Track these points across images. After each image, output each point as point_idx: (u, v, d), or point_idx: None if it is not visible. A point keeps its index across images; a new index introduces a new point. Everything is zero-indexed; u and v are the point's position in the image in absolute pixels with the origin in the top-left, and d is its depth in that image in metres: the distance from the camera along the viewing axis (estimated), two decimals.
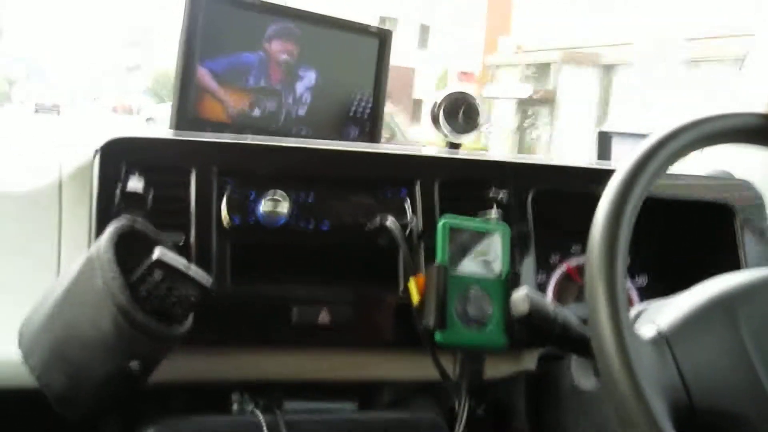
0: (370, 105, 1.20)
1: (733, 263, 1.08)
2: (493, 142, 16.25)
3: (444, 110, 1.11)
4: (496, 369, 0.98)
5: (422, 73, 24.46)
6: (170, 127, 1.10)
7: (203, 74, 1.11)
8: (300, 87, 1.17)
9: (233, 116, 1.13)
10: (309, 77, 1.17)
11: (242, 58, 1.14)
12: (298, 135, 1.16)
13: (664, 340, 0.72)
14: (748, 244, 1.10)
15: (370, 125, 1.21)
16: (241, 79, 1.14)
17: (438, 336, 0.89)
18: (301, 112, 1.17)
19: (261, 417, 0.90)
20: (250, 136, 1.07)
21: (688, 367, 0.70)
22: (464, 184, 1.02)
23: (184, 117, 1.10)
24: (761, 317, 0.73)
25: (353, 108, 1.20)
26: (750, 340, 0.71)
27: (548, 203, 1.05)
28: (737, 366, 0.71)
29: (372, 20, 1.30)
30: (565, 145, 14.89)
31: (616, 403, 0.65)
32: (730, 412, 0.70)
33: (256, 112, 1.15)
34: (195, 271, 0.79)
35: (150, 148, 0.95)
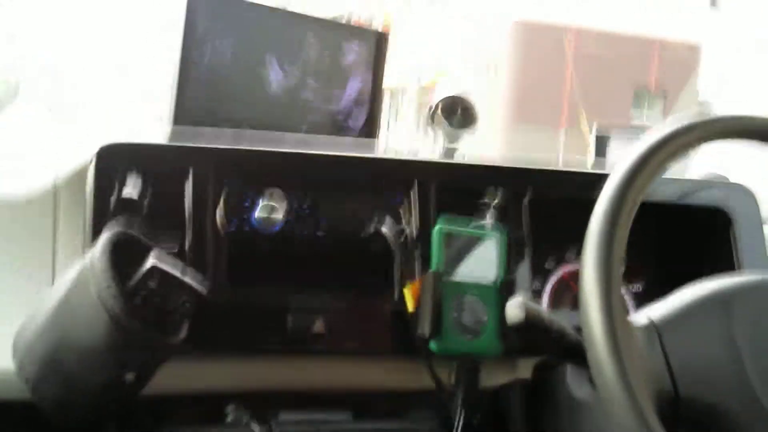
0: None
1: (729, 268, 1.07)
2: None
3: (440, 114, 1.10)
4: (491, 377, 0.98)
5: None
6: (168, 122, 1.10)
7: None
8: (303, 92, 1.17)
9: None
10: (310, 85, 1.17)
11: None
12: (297, 132, 1.16)
13: (655, 328, 0.72)
14: (745, 248, 1.09)
15: (367, 126, 1.20)
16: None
17: (433, 344, 0.89)
18: (301, 110, 1.17)
19: (256, 428, 0.90)
20: (248, 132, 1.06)
21: (676, 356, 0.70)
22: (460, 189, 1.01)
23: (182, 109, 1.10)
24: (755, 315, 0.73)
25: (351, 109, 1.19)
26: (742, 336, 0.71)
27: (544, 208, 1.03)
28: (726, 359, 0.71)
29: None
30: None
31: (599, 385, 0.65)
32: (714, 404, 0.70)
33: None
34: (190, 277, 0.78)
35: (146, 154, 0.95)
